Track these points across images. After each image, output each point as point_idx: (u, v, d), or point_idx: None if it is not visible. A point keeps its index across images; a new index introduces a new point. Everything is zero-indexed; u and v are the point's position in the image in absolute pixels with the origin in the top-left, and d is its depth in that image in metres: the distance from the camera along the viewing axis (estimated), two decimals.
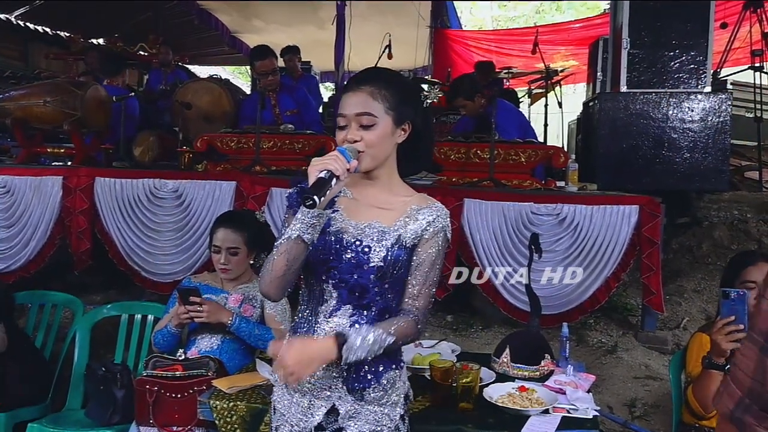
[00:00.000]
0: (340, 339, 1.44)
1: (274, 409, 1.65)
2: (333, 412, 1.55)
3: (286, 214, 1.59)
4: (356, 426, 1.55)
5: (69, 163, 4.32)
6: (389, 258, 1.51)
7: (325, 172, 1.39)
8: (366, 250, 1.52)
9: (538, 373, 2.32)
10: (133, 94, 4.84)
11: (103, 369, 2.70)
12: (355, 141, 1.49)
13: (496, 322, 3.73)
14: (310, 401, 1.56)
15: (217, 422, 2.06)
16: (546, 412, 2.00)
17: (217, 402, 2.06)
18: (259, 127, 4.01)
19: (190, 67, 9.27)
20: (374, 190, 1.58)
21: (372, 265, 1.51)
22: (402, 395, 1.61)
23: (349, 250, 1.52)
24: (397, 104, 1.53)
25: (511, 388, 2.14)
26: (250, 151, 4.06)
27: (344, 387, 1.54)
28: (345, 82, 1.62)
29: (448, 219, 1.59)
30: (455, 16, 9.99)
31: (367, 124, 1.50)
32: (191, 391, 2.26)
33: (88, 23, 8.80)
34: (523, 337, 2.46)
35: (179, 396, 2.27)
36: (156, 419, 2.28)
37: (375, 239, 1.53)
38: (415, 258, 1.55)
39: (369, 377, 1.54)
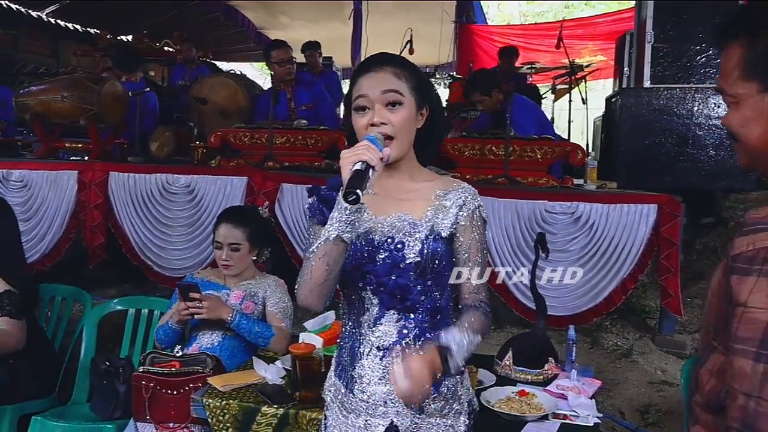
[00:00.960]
0: (443, 351, 1.30)
1: (326, 430, 1.54)
2: (391, 429, 1.44)
3: (310, 226, 1.48)
4: None
5: (86, 158, 4.37)
6: (426, 252, 1.39)
7: (360, 163, 1.28)
8: (399, 246, 1.40)
9: (541, 376, 2.25)
10: (149, 89, 4.86)
11: (107, 363, 2.70)
12: (382, 124, 1.38)
13: (509, 322, 3.65)
14: (366, 421, 1.45)
15: (209, 420, 2.04)
16: (545, 418, 1.94)
17: (210, 400, 2.04)
18: (272, 123, 3.99)
19: (217, 63, 9.35)
20: (395, 180, 1.46)
21: (409, 261, 1.39)
22: (465, 403, 1.50)
23: (381, 250, 1.41)
24: (418, 85, 1.44)
25: (511, 392, 2.08)
26: (263, 147, 4.05)
27: (401, 400, 1.39)
28: (355, 67, 1.50)
29: (479, 198, 1.48)
30: (481, 12, 9.86)
31: (394, 103, 1.39)
32: (187, 388, 2.23)
33: (116, 20, 8.93)
34: (528, 339, 2.39)
35: (175, 393, 2.25)
36: (152, 415, 2.26)
37: (407, 233, 1.41)
38: (459, 249, 1.43)
39: (427, 387, 1.39)
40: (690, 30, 4.20)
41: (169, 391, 2.25)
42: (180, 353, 2.37)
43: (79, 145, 4.52)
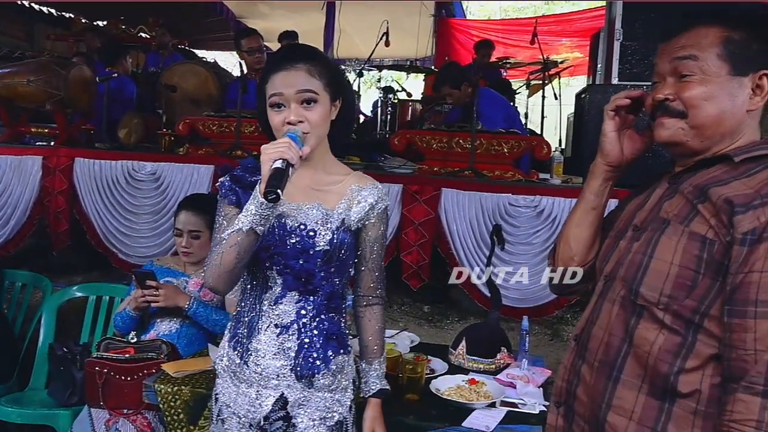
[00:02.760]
0: (383, 395, 1.63)
1: (216, 398, 1.61)
2: (281, 400, 1.52)
3: (221, 206, 1.53)
4: (306, 413, 1.52)
5: (52, 143, 4.32)
6: (335, 241, 1.49)
7: (281, 161, 1.32)
8: (311, 234, 1.48)
9: (493, 366, 2.28)
10: (116, 75, 4.82)
11: (64, 349, 2.69)
12: (299, 122, 1.44)
13: (473, 313, 3.69)
14: (258, 391, 1.52)
15: (161, 406, 2.04)
16: (492, 405, 1.97)
17: (162, 386, 2.04)
18: (240, 112, 3.98)
19: (196, 51, 9.25)
20: (310, 171, 1.53)
21: (318, 249, 1.48)
22: (351, 380, 1.60)
23: (293, 235, 1.48)
24: (330, 80, 1.49)
25: (461, 380, 2.11)
26: (232, 135, 4.04)
27: (293, 374, 1.50)
28: (268, 61, 1.57)
29: (387, 198, 1.61)
30: (460, 7, 9.88)
31: (309, 102, 1.45)
32: (141, 374, 2.23)
33: (92, 5, 8.78)
34: (481, 329, 2.41)
35: (129, 379, 2.25)
36: (106, 401, 2.26)
37: (319, 222, 1.50)
38: (366, 243, 1.57)
39: (318, 363, 1.51)
40: (658, 29, 4.25)
41: (123, 377, 2.25)
42: (135, 339, 2.37)
43: (46, 131, 4.47)
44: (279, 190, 1.30)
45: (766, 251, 1.02)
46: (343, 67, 8.12)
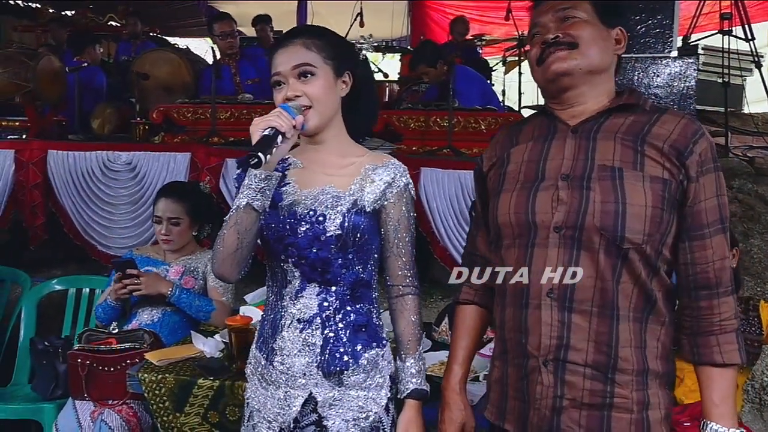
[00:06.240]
0: (419, 396, 1.47)
1: (247, 403, 1.53)
2: (310, 400, 1.43)
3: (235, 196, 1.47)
4: (337, 414, 1.42)
5: (24, 137, 4.24)
6: (347, 224, 1.39)
7: (269, 129, 1.27)
8: (321, 219, 1.39)
9: None
10: (86, 64, 4.73)
11: (45, 344, 2.66)
12: (297, 96, 1.38)
13: (455, 290, 3.70)
14: (286, 392, 1.43)
15: (146, 395, 2.04)
16: (476, 379, 1.99)
17: (146, 375, 2.03)
18: (215, 98, 3.94)
19: (169, 38, 9.11)
20: (324, 154, 1.46)
21: (330, 234, 1.38)
22: (387, 376, 1.48)
23: (303, 222, 1.40)
24: (333, 53, 1.43)
25: (445, 356, 2.11)
26: (208, 122, 3.99)
27: (320, 372, 1.40)
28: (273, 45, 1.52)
29: (408, 175, 1.48)
30: None
31: (306, 74, 1.39)
32: (124, 364, 2.22)
33: None
34: None
35: (113, 369, 2.24)
36: (90, 393, 2.25)
37: (329, 206, 1.40)
38: (387, 226, 1.45)
39: (346, 359, 1.41)
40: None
41: (106, 368, 2.24)
42: (116, 330, 2.36)
43: (17, 123, 4.38)
44: (261, 154, 1.23)
45: (703, 184, 1.23)
46: None
